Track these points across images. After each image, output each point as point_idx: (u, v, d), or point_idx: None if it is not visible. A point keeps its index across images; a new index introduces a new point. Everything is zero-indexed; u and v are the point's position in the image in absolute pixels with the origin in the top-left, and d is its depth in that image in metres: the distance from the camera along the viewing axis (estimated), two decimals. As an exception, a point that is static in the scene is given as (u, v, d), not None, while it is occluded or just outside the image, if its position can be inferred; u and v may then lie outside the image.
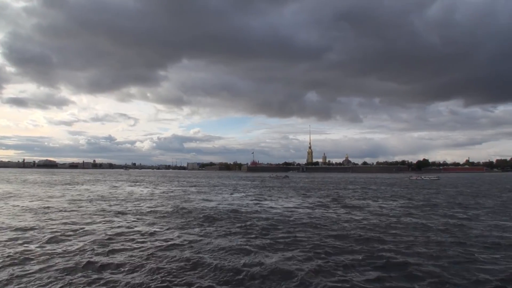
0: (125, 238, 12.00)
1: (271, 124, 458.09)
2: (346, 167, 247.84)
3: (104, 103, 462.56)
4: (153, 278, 8.04)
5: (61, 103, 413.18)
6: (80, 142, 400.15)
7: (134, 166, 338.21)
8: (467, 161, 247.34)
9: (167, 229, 13.85)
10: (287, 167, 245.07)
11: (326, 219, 17.07)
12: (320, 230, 13.91)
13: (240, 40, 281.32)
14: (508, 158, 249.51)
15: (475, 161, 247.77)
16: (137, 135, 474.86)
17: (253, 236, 12.72)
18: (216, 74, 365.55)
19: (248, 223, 15.53)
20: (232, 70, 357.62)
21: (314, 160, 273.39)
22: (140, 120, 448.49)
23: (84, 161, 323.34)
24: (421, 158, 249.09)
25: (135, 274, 8.27)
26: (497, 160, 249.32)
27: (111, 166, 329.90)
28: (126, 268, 8.66)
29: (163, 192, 34.73)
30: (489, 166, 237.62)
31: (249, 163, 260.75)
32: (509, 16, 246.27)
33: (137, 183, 54.51)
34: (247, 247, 10.91)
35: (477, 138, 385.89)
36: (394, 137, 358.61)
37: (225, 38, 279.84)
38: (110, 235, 12.47)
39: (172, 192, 35.59)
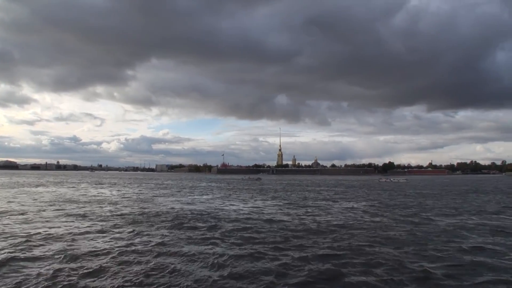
0: (84, 243, 11.62)
1: (242, 126, 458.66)
2: (315, 169, 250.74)
3: (69, 102, 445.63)
4: (112, 282, 7.84)
5: (23, 101, 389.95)
6: (43, 143, 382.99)
7: (100, 167, 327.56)
8: (430, 164, 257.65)
9: (129, 232, 13.50)
10: (257, 169, 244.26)
11: (293, 219, 17.19)
12: (286, 231, 14.00)
13: (211, 42, 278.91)
14: (468, 161, 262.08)
15: (438, 164, 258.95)
16: (103, 136, 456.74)
17: (216, 237, 12.68)
18: (186, 75, 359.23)
19: (213, 224, 15.47)
20: (203, 71, 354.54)
21: (284, 162, 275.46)
22: (106, 120, 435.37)
23: (47, 162, 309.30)
24: (387, 161, 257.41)
25: (94, 279, 8.04)
26: (458, 163, 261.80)
27: (75, 167, 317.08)
28: (84, 272, 8.42)
29: (129, 195, 33.85)
30: (451, 169, 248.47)
31: (219, 165, 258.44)
32: (469, 27, 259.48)
33: (103, 185, 52.88)
34: (209, 249, 10.91)
35: (439, 142, 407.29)
36: (361, 140, 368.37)
37: (195, 39, 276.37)
38: (68, 239, 12.04)
39: (138, 194, 34.75)
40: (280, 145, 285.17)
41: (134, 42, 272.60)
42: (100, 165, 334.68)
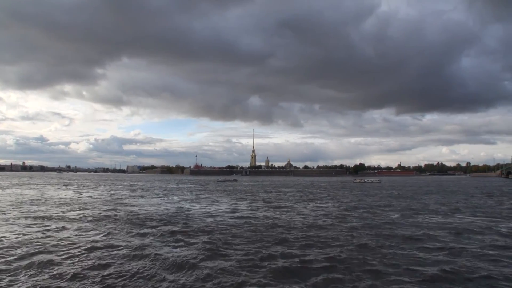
0: (47, 247, 11.41)
1: (215, 127, 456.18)
2: (288, 170, 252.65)
3: (35, 101, 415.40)
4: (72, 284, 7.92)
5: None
6: (7, 143, 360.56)
7: (68, 169, 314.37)
8: (399, 165, 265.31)
9: (95, 235, 13.40)
10: (230, 170, 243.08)
11: (263, 220, 17.45)
12: (256, 233, 14.26)
13: (183, 41, 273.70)
14: (435, 163, 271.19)
15: (406, 166, 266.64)
16: (72, 136, 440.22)
17: (185, 239, 12.74)
18: (157, 75, 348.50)
19: (180, 226, 15.54)
20: (175, 71, 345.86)
21: (257, 163, 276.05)
22: (75, 120, 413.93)
23: (12, 163, 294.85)
24: (357, 162, 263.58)
25: (57, 281, 8.06)
26: (425, 165, 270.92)
27: (42, 168, 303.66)
28: (46, 276, 8.40)
29: (98, 196, 33.25)
30: (418, 170, 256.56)
31: (192, 166, 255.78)
32: (436, 33, 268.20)
33: (70, 187, 51.43)
34: (174, 251, 11.07)
35: (407, 144, 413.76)
36: (333, 142, 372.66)
37: (167, 39, 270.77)
38: (30, 243, 11.85)
39: (107, 196, 34.16)
40: (253, 146, 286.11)
41: (104, 40, 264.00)
42: (69, 166, 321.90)
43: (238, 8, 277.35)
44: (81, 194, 36.88)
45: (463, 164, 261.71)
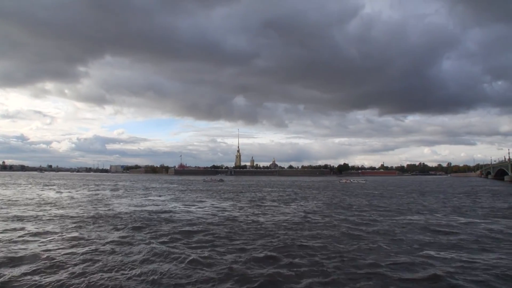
0: (26, 247, 11.43)
1: (199, 126, 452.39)
2: (273, 170, 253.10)
3: (15, 99, 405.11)
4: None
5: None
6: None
7: (50, 168, 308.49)
8: (382, 165, 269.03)
9: (75, 235, 13.33)
10: (215, 170, 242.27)
11: (245, 219, 17.72)
12: (234, 231, 14.56)
13: (167, 40, 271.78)
14: (417, 163, 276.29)
15: (389, 166, 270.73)
16: (53, 135, 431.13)
17: (166, 239, 12.93)
18: (141, 73, 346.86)
19: (164, 227, 15.62)
20: (159, 70, 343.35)
21: (242, 163, 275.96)
22: (57, 118, 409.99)
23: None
24: (341, 162, 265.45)
25: (36, 278, 8.13)
26: (408, 165, 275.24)
27: (23, 168, 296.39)
28: (28, 278, 8.43)
29: (79, 196, 32.75)
30: (401, 170, 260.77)
31: (176, 166, 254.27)
32: (418, 36, 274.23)
33: (51, 187, 50.58)
34: (158, 250, 11.07)
35: (390, 145, 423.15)
36: (317, 142, 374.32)
37: (151, 37, 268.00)
38: (9, 243, 11.86)
39: (89, 196, 33.71)
40: (238, 146, 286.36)
41: (86, 38, 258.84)
42: (50, 166, 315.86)
43: (223, 7, 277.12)
44: (64, 194, 36.40)
45: (444, 164, 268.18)
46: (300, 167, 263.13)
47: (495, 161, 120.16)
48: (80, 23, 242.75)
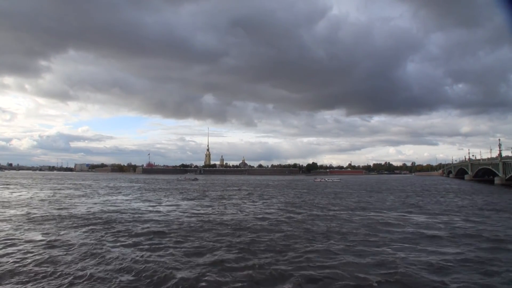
0: None
1: (167, 125, 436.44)
2: (242, 169, 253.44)
3: None
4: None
5: None
6: None
7: (10, 167, 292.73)
8: (350, 164, 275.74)
9: (36, 236, 13.44)
10: (184, 169, 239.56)
11: (210, 217, 18.32)
12: (198, 229, 15.11)
13: (133, 36, 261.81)
14: (383, 163, 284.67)
15: (356, 165, 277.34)
16: (14, 132, 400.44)
17: (124, 239, 13.26)
18: (107, 69, 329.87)
19: (126, 227, 15.87)
20: (125, 66, 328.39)
21: (212, 162, 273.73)
22: (17, 114, 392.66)
23: None
24: (310, 161, 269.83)
25: None
26: (374, 164, 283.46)
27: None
28: None
29: (40, 196, 32.05)
30: (368, 169, 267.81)
31: (144, 165, 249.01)
32: (383, 39, 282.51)
33: (10, 186, 49.28)
34: (115, 251, 11.53)
35: (357, 144, 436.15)
36: (286, 141, 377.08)
37: (116, 32, 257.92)
38: None
39: (50, 196, 33.06)
40: (208, 145, 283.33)
41: (48, 31, 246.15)
42: (10, 164, 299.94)
43: (191, 4, 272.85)
44: (23, 193, 35.48)
45: (409, 164, 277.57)
46: (269, 166, 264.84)
47: (456, 160, 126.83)
48: (41, 15, 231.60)
